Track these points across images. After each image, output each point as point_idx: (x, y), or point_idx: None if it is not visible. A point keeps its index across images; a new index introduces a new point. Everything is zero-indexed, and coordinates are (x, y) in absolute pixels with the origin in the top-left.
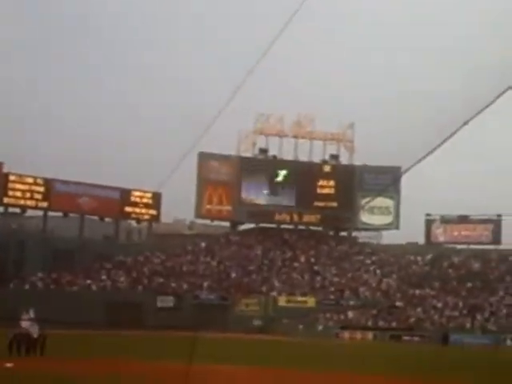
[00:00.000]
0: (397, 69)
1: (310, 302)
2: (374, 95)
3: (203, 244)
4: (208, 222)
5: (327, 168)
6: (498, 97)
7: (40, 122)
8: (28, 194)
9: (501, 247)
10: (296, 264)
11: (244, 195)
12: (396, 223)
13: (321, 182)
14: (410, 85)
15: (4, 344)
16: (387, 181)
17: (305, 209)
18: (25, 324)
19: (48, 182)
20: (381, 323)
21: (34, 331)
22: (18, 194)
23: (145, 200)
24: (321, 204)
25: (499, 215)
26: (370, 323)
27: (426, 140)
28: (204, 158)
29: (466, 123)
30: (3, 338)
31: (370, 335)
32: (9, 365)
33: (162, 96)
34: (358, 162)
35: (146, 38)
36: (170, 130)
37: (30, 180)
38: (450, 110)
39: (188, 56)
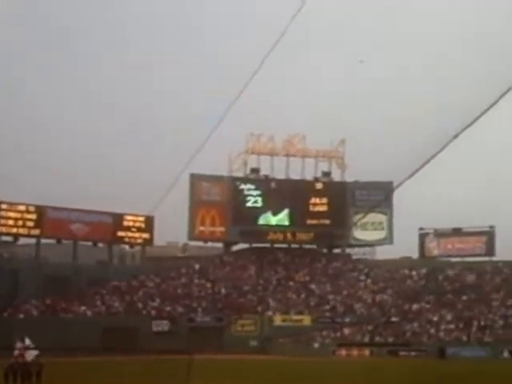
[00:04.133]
0: (385, 83)
1: (306, 320)
2: (364, 112)
3: (197, 266)
4: (201, 243)
5: (319, 185)
6: (487, 110)
7: (28, 147)
8: (20, 222)
9: (495, 259)
10: (291, 283)
11: (236, 215)
12: (389, 238)
13: (313, 200)
14: (399, 100)
15: (0, 373)
16: (379, 196)
17: (298, 227)
18: (20, 353)
19: (40, 209)
20: (377, 339)
21: (30, 358)
22: (10, 222)
23: (137, 224)
24: (314, 222)
25: (492, 226)
26: (366, 339)
27: (416, 154)
28: (196, 179)
29: (455, 136)
30: None
31: (366, 351)
32: None
33: (152, 116)
34: (349, 179)
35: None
36: (160, 152)
37: (22, 208)
38: (439, 124)
39: (177, 74)
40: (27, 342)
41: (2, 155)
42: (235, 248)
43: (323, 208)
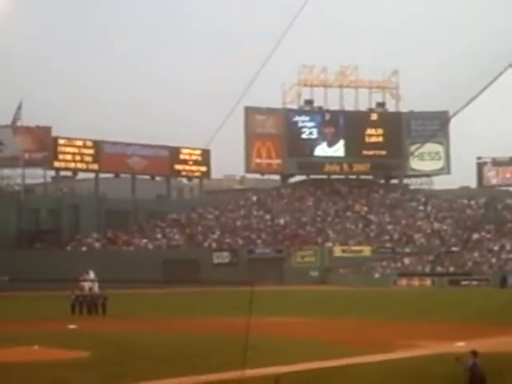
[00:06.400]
0: (439, 12)
1: (366, 250)
2: (417, 41)
3: (255, 198)
4: (258, 176)
5: (374, 116)
6: None
7: (86, 84)
8: (78, 157)
9: None
10: (349, 214)
11: (292, 148)
12: (447, 168)
13: (369, 131)
14: (453, 29)
15: (67, 306)
16: (435, 126)
17: (354, 158)
18: (85, 285)
19: (97, 144)
20: (438, 269)
21: (95, 291)
22: (68, 157)
23: (194, 157)
24: (370, 153)
25: None
26: (427, 269)
27: (472, 83)
28: (250, 112)
29: (511, 65)
30: (65, 300)
31: (428, 281)
32: (72, 326)
33: (205, 52)
34: (404, 109)
35: None
36: (215, 86)
37: (80, 143)
38: (495, 53)
39: (228, 9)
40: (91, 275)
41: (58, 91)
42: (292, 180)
43: (379, 139)
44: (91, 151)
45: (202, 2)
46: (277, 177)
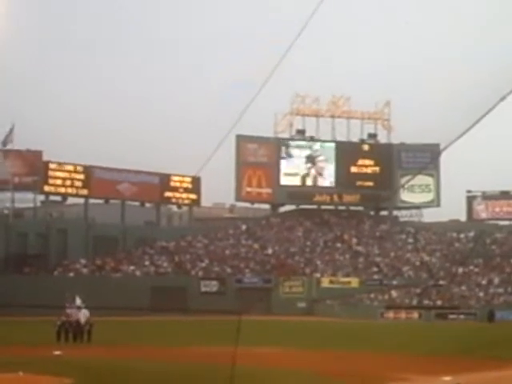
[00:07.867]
0: (430, 45)
1: (354, 282)
2: (409, 73)
3: (244, 227)
4: (248, 204)
5: (365, 147)
6: None
7: (78, 109)
8: (68, 182)
9: None
10: (338, 245)
11: (283, 177)
12: (437, 201)
13: (360, 162)
14: (445, 61)
15: (52, 332)
16: (426, 158)
17: (344, 189)
18: (72, 311)
19: (88, 170)
20: (425, 302)
21: (81, 318)
22: (59, 181)
23: (184, 184)
24: (360, 184)
25: None
26: (414, 302)
27: (463, 116)
28: (242, 140)
29: (503, 98)
30: (51, 326)
31: (415, 314)
32: (57, 352)
33: (197, 79)
34: (395, 141)
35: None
36: (207, 114)
37: (70, 167)
38: (487, 86)
39: (223, 37)
40: (78, 301)
41: (50, 115)
42: (282, 209)
43: (370, 170)
44: (81, 176)
45: (197, 33)
46: (266, 206)
